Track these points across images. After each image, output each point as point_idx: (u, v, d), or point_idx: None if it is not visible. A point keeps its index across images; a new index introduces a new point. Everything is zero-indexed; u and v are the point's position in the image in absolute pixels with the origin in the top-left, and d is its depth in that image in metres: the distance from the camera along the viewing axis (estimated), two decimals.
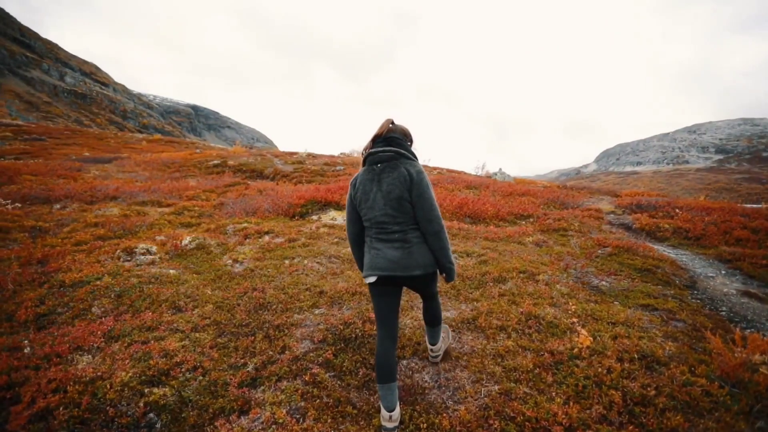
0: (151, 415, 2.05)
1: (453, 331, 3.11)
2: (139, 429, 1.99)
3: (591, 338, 2.91)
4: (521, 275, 4.33)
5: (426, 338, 2.69)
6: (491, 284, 4.09)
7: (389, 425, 2.05)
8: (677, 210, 8.00)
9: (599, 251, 5.83)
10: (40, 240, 5.97)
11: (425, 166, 21.45)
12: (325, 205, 8.37)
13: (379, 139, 2.17)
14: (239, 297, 3.59)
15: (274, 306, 3.44)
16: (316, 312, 3.37)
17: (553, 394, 2.30)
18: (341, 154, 24.38)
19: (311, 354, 2.70)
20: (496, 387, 2.40)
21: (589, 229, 7.02)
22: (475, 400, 2.30)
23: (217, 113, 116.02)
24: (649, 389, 2.29)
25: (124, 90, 75.42)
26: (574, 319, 2.87)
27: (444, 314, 3.42)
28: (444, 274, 2.21)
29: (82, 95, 60.63)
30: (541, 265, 4.74)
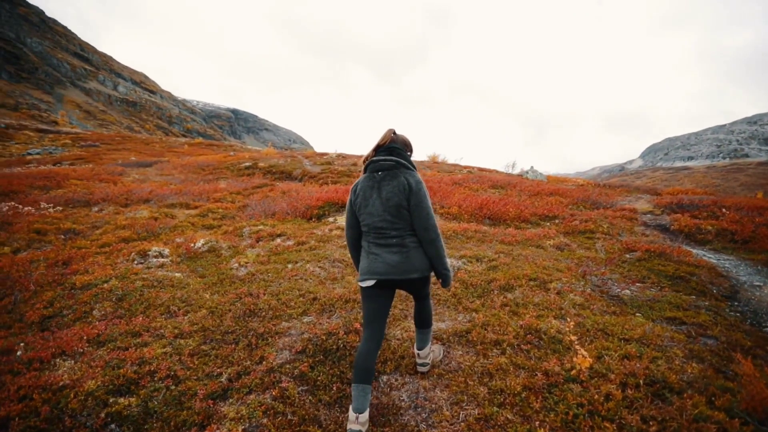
0: (113, 426, 2.03)
1: (443, 344, 2.91)
2: None
3: (593, 358, 2.62)
4: (531, 283, 4.03)
5: (414, 344, 2.64)
6: (496, 292, 3.83)
7: (355, 427, 1.97)
8: (723, 209, 7.24)
9: (627, 256, 5.36)
10: (70, 242, 6.32)
11: (456, 165, 21.02)
12: (342, 206, 8.32)
13: (381, 148, 2.26)
14: (232, 302, 3.57)
15: (264, 312, 3.39)
16: (305, 320, 3.29)
17: (538, 423, 2.06)
18: None
19: (287, 365, 2.61)
20: (476, 411, 2.19)
21: (619, 231, 6.49)
22: (451, 425, 2.11)
23: (256, 116, 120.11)
24: (650, 423, 2.00)
25: (170, 97, 79.82)
26: (573, 338, 2.58)
27: (438, 325, 3.23)
28: (440, 280, 2.29)
29: (133, 103, 64.83)
30: (556, 272, 4.40)
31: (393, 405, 2.30)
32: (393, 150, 2.24)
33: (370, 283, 2.19)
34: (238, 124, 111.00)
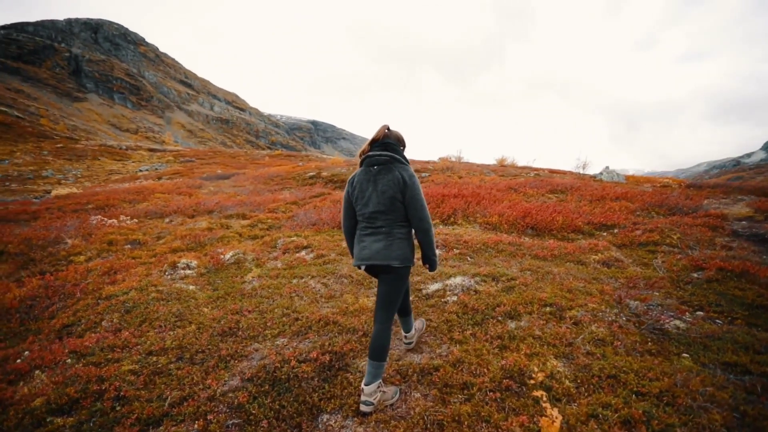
0: None
1: (404, 383, 2.56)
2: None
3: (583, 416, 2.07)
4: (545, 309, 3.43)
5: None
6: (498, 320, 3.32)
7: (362, 398, 2.28)
8: None
9: (694, 275, 4.36)
10: (129, 252, 7.08)
11: (525, 168, 19.69)
12: None
13: (376, 144, 2.43)
14: (218, 320, 3.59)
15: (241, 332, 3.34)
16: (277, 342, 3.17)
17: None
18: (439, 158, 24.00)
19: (230, 394, 2.49)
20: None
21: (691, 244, 5.34)
22: None
23: (334, 126, 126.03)
24: None
25: (257, 113, 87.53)
26: (539, 393, 2.05)
27: (412, 357, 2.88)
28: (428, 265, 2.54)
29: (226, 121, 72.40)
30: (584, 295, 3.71)
31: None
32: (387, 145, 2.41)
33: (362, 268, 2.45)
34: (317, 134, 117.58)
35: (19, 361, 2.98)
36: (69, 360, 2.94)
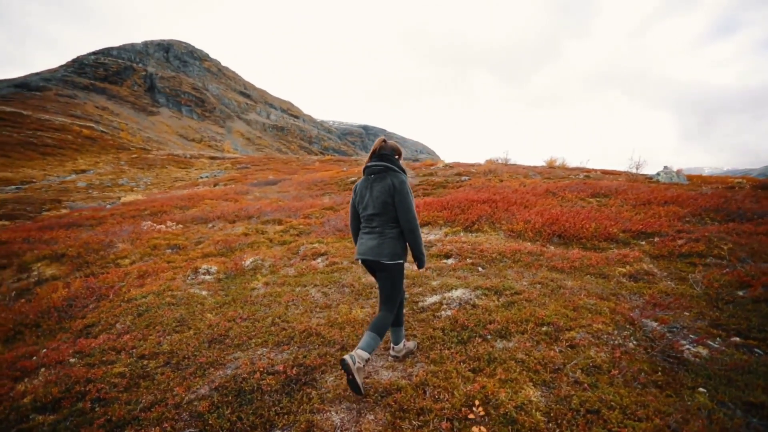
0: None
1: (362, 403, 2.46)
2: None
3: None
4: (540, 328, 3.14)
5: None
6: (486, 339, 3.10)
7: (347, 357, 2.36)
8: None
9: (739, 293, 3.79)
10: (167, 256, 7.61)
11: (574, 170, 18.58)
12: None
13: (374, 155, 2.77)
14: (213, 327, 3.72)
15: (229, 340, 3.43)
16: (258, 352, 3.21)
17: None
18: (487, 161, 23.36)
19: (195, 402, 2.55)
20: None
21: (745, 255, 4.63)
22: None
23: (384, 130, 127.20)
24: None
25: (311, 120, 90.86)
26: (478, 429, 1.84)
27: (381, 376, 2.78)
28: (416, 263, 2.78)
29: (281, 128, 76.00)
30: (592, 314, 3.35)
31: None
32: (383, 156, 2.74)
33: (359, 260, 2.79)
34: (368, 138, 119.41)
35: (34, 358, 3.31)
36: (72, 360, 3.21)
